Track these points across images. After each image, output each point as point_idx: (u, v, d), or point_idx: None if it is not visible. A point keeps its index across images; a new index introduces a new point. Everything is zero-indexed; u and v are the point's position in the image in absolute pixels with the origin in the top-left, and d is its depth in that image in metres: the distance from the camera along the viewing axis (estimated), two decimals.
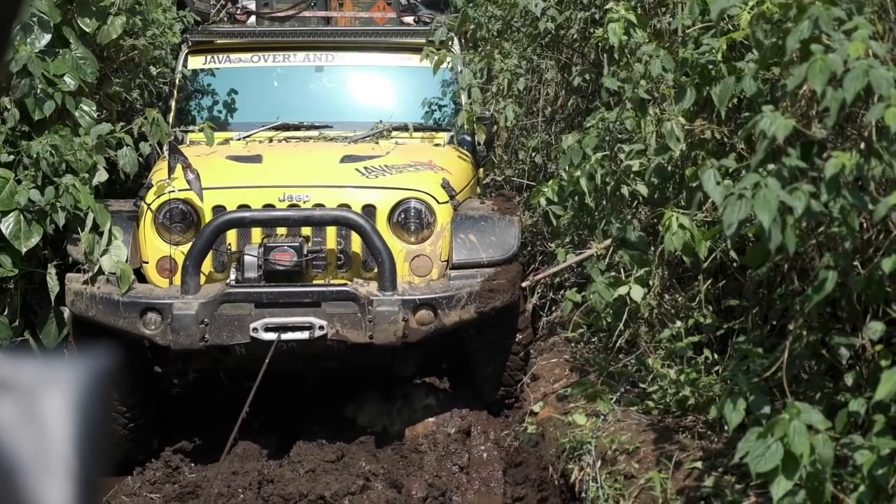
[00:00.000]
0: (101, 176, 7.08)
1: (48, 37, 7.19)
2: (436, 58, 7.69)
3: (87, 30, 7.50)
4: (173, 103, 8.11)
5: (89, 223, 6.85)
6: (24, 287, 7.17)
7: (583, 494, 4.96)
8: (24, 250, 6.90)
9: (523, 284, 6.73)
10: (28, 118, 7.11)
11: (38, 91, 7.08)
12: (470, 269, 6.70)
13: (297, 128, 8.06)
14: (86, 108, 7.37)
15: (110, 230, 6.76)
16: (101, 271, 6.71)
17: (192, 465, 6.78)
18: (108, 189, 7.36)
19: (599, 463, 4.92)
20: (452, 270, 6.74)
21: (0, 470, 0.62)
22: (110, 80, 8.08)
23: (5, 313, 6.95)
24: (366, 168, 7.02)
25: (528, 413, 6.09)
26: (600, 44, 5.63)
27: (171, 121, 7.80)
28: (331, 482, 5.99)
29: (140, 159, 7.29)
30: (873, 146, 3.73)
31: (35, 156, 6.94)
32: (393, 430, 7.27)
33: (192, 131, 7.74)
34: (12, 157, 7.03)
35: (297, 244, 6.57)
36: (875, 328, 3.82)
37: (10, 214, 6.88)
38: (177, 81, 8.23)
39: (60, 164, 6.98)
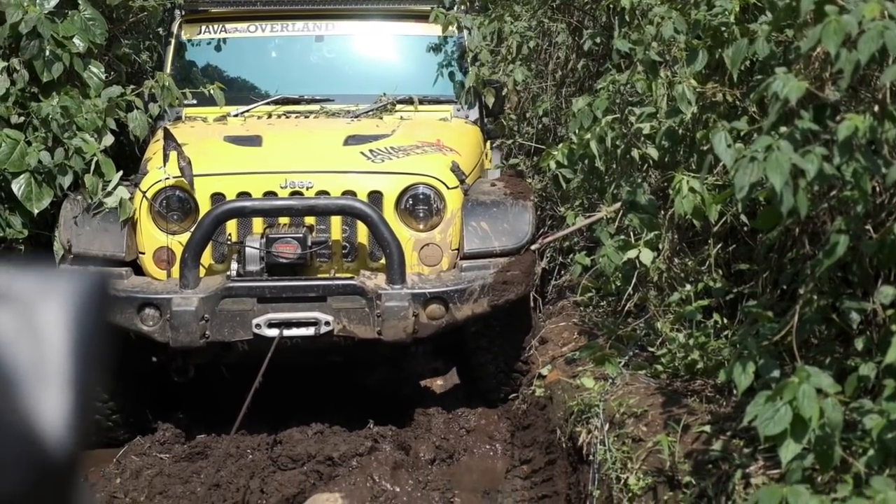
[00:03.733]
0: (109, 139, 7.03)
1: None
2: (444, 20, 7.54)
3: None
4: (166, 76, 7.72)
5: (93, 167, 6.80)
6: (31, 248, 7.16)
7: (590, 457, 4.94)
8: (36, 212, 6.90)
9: (532, 247, 6.54)
10: (37, 80, 7.08)
11: (47, 52, 7.04)
12: (482, 259, 6.44)
13: (296, 101, 7.74)
14: (94, 69, 7.33)
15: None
16: (101, 205, 6.59)
17: (203, 427, 6.76)
18: (116, 152, 7.27)
19: (607, 426, 4.90)
20: (463, 261, 6.48)
21: None
22: (119, 42, 8.04)
23: None
24: (371, 151, 6.72)
25: (536, 376, 6.06)
26: (612, 6, 5.57)
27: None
28: (339, 443, 5.97)
29: (150, 120, 7.24)
30: (887, 109, 3.69)
31: (45, 117, 6.90)
32: (401, 393, 7.26)
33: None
34: (22, 118, 7.01)
35: (300, 235, 6.33)
36: (886, 292, 3.78)
37: (21, 176, 6.87)
38: (170, 53, 7.89)
39: (70, 125, 6.94)
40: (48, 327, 0.62)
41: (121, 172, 6.75)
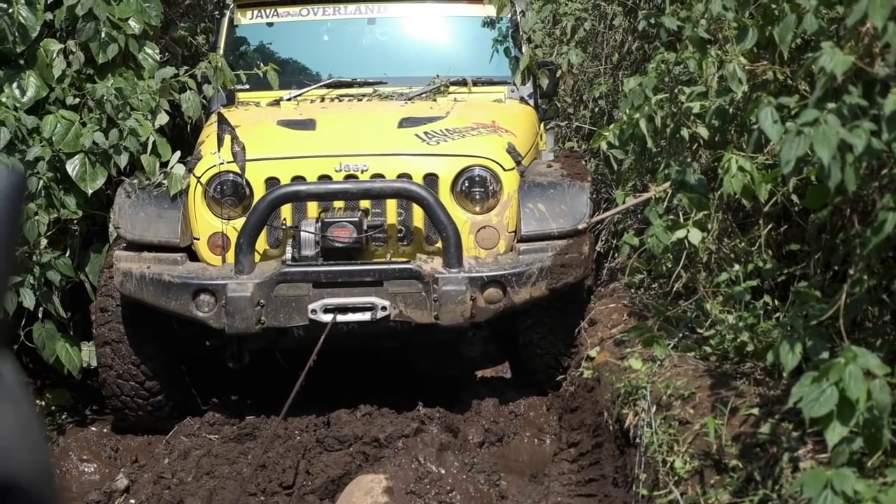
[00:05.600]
0: (163, 118, 7.07)
1: None
2: (499, 1, 7.48)
3: None
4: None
5: (150, 147, 6.84)
6: (87, 228, 7.21)
7: (637, 440, 4.89)
8: (89, 192, 6.97)
9: (579, 227, 6.47)
10: (92, 61, 7.14)
11: (103, 34, 7.09)
12: (539, 242, 6.39)
13: (349, 85, 7.70)
14: (149, 51, 7.38)
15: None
16: (160, 185, 6.62)
17: (253, 408, 6.78)
18: (171, 132, 7.30)
19: (654, 408, 4.84)
20: (521, 243, 6.43)
21: None
22: (175, 24, 8.08)
23: (66, 254, 6.98)
24: (426, 133, 6.67)
25: (584, 358, 5.99)
26: None
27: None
28: (385, 425, 5.95)
29: (205, 101, 7.25)
30: None
31: (99, 98, 6.94)
32: (451, 376, 7.23)
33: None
34: (77, 99, 7.06)
35: (356, 219, 6.29)
36: None
37: (76, 157, 6.94)
38: (223, 35, 7.87)
39: (124, 106, 6.98)
40: None
41: (178, 153, 6.78)
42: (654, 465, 4.62)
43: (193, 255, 6.60)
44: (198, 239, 6.59)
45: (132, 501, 5.71)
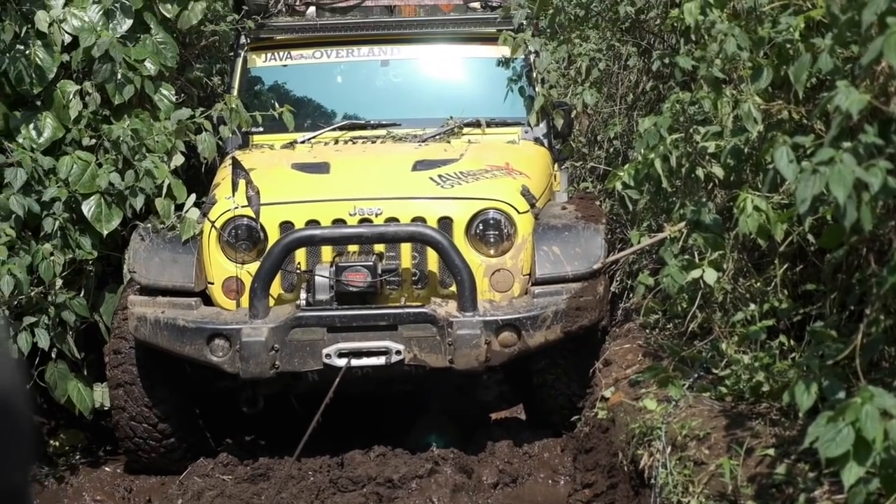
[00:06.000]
0: (179, 160, 7.11)
1: (129, 22, 7.28)
2: (513, 42, 7.48)
3: (167, 15, 7.56)
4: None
5: (165, 190, 6.86)
6: (102, 269, 7.23)
7: (652, 481, 4.86)
8: (105, 233, 7.01)
9: (594, 267, 6.45)
10: (108, 102, 7.18)
11: (119, 76, 7.14)
12: (554, 285, 6.39)
13: (363, 127, 7.74)
14: (165, 92, 7.42)
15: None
16: (173, 228, 6.64)
17: (266, 449, 6.76)
18: (185, 173, 7.32)
19: (669, 449, 4.82)
20: (535, 286, 6.43)
21: None
22: (191, 66, 8.12)
23: (81, 294, 6.99)
24: (440, 176, 6.69)
25: (599, 398, 5.97)
26: (677, 24, 5.49)
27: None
28: (399, 465, 5.94)
29: (220, 142, 7.28)
30: None
31: (116, 139, 6.98)
32: (466, 417, 7.20)
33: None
34: (93, 140, 7.10)
35: (370, 263, 6.32)
36: None
37: (92, 197, 6.98)
38: (237, 77, 7.93)
39: (140, 147, 7.02)
40: None
41: (193, 196, 6.79)
42: None
43: (208, 300, 6.60)
44: (212, 283, 6.60)
45: None
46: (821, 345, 4.06)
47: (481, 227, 6.55)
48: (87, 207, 6.94)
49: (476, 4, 8.23)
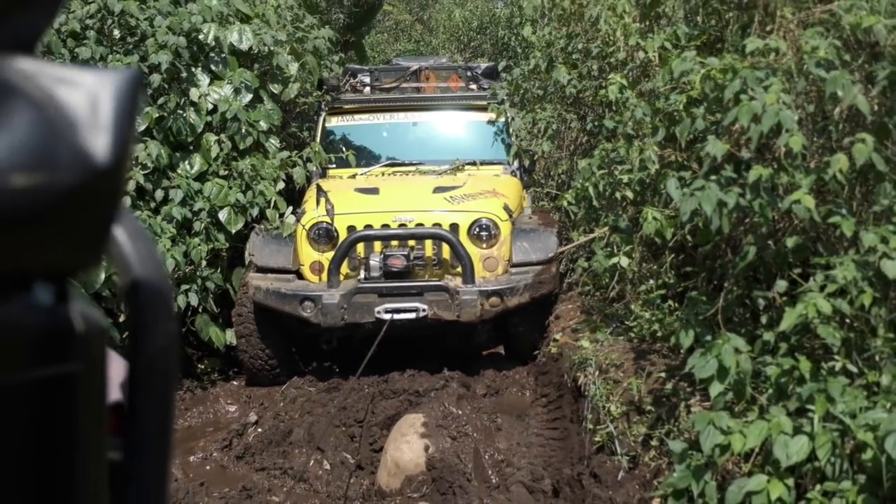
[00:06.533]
0: (281, 185, 7.11)
1: (250, 96, 7.27)
2: (498, 110, 7.55)
3: (275, 91, 7.54)
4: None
5: (272, 204, 6.88)
6: (231, 255, 7.24)
7: (586, 393, 4.88)
8: (233, 231, 6.98)
9: (550, 255, 6.48)
10: (236, 147, 7.18)
11: (243, 130, 7.14)
12: (525, 267, 6.41)
13: (401, 164, 7.72)
14: (273, 141, 7.43)
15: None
16: (278, 228, 6.65)
17: (337, 373, 6.76)
18: (286, 193, 7.32)
19: (597, 372, 4.83)
20: (512, 268, 6.45)
21: (59, 121, 0.56)
22: (289, 124, 8.11)
23: (218, 271, 7.02)
24: (451, 197, 6.72)
25: (552, 340, 5.99)
26: (603, 99, 5.50)
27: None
28: (423, 381, 5.93)
29: (308, 174, 7.30)
30: (782, 163, 3.61)
31: (241, 171, 7.00)
32: (467, 352, 7.19)
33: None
34: (227, 171, 7.11)
35: (405, 252, 6.32)
36: (781, 285, 3.71)
37: (225, 209, 6.97)
38: (319, 131, 7.91)
39: (256, 176, 7.03)
40: (105, 104, 0.56)
41: (290, 208, 6.82)
42: (596, 409, 4.61)
43: (300, 276, 6.61)
44: (303, 265, 6.60)
45: (259, 430, 5.71)
46: (696, 306, 4.08)
47: (477, 230, 6.55)
48: (223, 215, 6.95)
49: (474, 86, 8.30)
